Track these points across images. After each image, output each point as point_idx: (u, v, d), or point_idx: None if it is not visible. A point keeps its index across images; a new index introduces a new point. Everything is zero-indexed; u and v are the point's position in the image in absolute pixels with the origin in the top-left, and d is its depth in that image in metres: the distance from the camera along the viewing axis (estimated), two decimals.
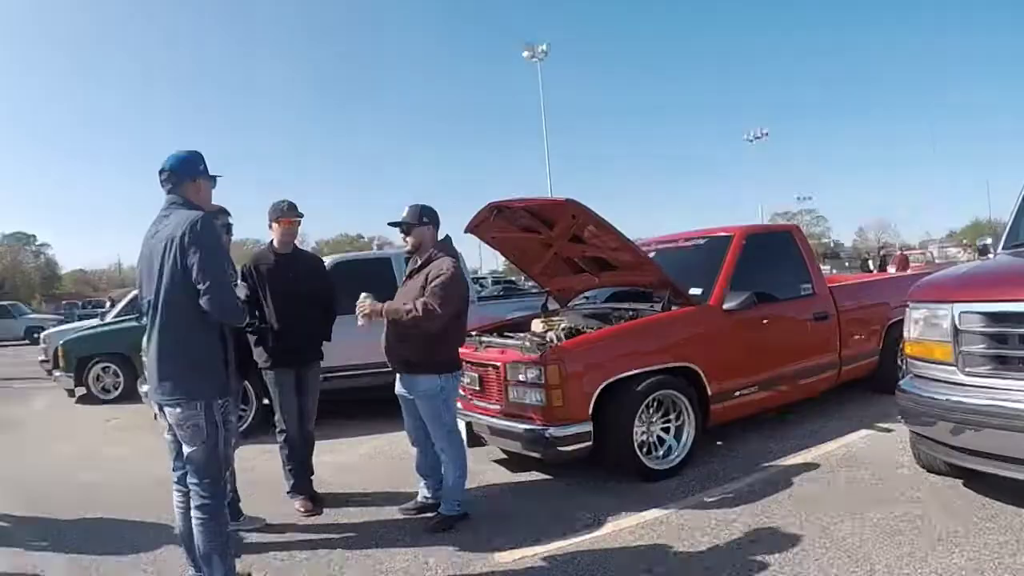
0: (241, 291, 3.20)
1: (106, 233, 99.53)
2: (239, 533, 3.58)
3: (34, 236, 62.03)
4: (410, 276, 3.87)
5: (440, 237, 3.95)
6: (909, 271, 13.97)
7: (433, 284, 3.62)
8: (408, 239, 3.92)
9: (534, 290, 13.90)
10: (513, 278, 32.37)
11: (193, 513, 3.00)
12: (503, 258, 6.54)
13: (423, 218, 3.86)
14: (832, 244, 63.87)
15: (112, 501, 4.71)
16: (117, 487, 5.15)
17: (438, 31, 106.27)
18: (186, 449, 3.00)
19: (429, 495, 4.03)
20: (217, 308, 2.84)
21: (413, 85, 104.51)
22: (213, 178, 3.26)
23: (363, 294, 3.70)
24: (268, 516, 4.07)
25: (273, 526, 3.98)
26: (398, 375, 3.98)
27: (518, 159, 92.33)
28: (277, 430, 4.30)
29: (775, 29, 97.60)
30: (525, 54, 31.63)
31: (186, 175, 3.13)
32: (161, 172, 3.13)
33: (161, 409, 3.02)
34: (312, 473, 4.45)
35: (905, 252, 30.02)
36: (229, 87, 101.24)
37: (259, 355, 4.16)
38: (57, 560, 3.77)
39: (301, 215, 4.40)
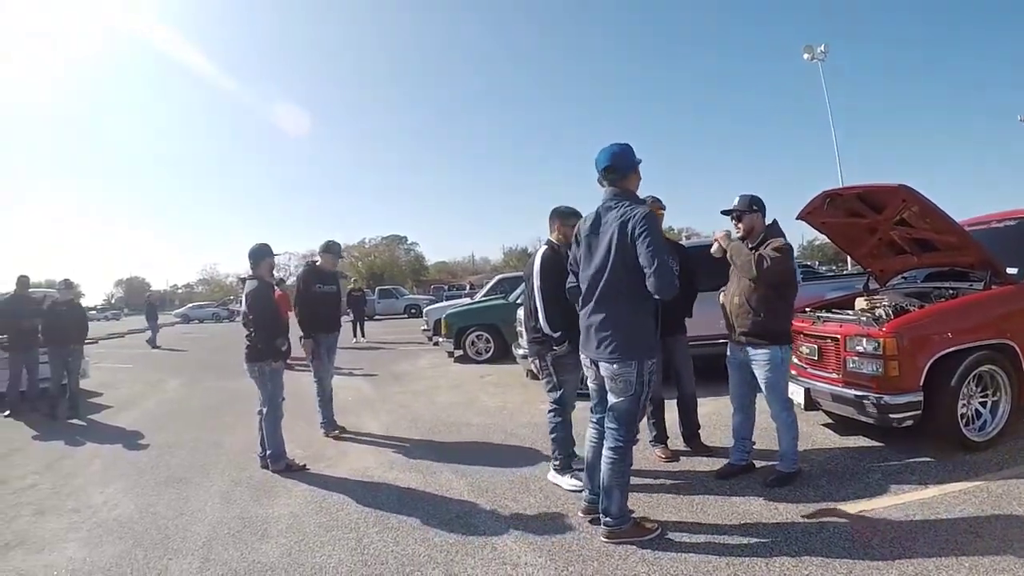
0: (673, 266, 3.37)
1: (460, 233, 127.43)
2: None
3: (406, 237, 76.45)
4: None
5: (768, 223, 4.15)
6: None
7: (771, 249, 3.89)
8: (740, 225, 4.14)
9: (829, 273, 13.31)
10: (808, 262, 30.53)
11: (605, 452, 3.32)
12: (798, 243, 6.47)
13: (753, 206, 4.11)
14: None
15: (494, 437, 5.75)
16: (497, 427, 6.08)
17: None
18: (611, 399, 3.26)
19: (744, 459, 4.27)
20: (661, 287, 3.02)
21: (710, 100, 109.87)
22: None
23: (719, 231, 4.17)
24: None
25: (635, 471, 4.44)
26: (733, 345, 4.23)
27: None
28: None
29: None
30: (805, 56, 29.33)
31: (628, 168, 3.28)
32: (604, 169, 3.26)
33: (594, 364, 3.35)
34: (699, 427, 4.89)
35: None
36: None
37: None
38: (457, 478, 4.55)
39: (664, 207, 4.70)
